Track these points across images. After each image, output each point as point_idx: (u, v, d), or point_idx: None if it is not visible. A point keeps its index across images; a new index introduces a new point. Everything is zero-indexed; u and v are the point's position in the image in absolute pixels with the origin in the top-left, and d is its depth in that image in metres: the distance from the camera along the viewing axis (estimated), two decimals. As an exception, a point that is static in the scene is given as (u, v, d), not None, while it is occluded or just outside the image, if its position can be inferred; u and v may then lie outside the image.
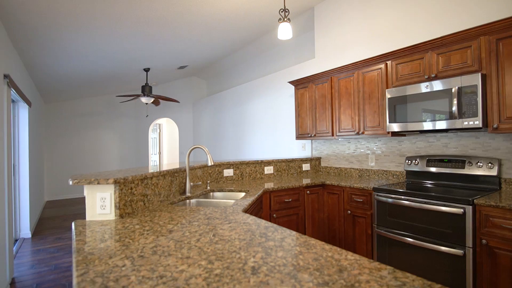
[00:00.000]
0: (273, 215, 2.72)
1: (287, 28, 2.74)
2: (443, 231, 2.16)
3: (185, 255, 1.02)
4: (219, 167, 3.12)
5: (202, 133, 7.91)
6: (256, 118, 5.59)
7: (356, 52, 3.61)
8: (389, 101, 2.76)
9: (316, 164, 4.02)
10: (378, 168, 3.36)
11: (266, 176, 3.49)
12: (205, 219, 1.51)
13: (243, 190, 2.61)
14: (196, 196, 2.35)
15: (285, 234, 1.24)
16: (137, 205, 1.71)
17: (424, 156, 2.84)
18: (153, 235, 1.26)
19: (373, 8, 3.39)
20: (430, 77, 2.54)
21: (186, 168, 2.35)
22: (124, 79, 6.81)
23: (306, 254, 1.00)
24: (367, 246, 2.73)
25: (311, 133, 3.74)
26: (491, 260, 1.95)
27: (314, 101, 3.70)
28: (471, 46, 2.30)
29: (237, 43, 5.36)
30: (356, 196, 2.83)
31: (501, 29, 2.14)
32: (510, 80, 2.10)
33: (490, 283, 1.95)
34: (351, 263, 0.92)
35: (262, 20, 4.34)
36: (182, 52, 5.48)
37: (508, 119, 2.12)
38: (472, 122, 2.22)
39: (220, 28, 4.49)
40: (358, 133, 3.15)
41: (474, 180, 2.50)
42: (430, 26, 2.87)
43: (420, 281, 0.79)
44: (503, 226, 1.89)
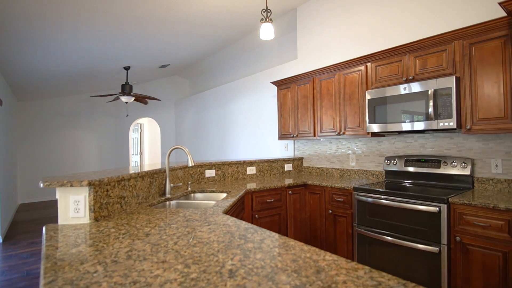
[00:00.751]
0: (255, 215, 2.71)
1: (269, 28, 2.74)
2: (420, 229, 2.22)
3: (161, 259, 0.99)
4: (200, 167, 3.08)
5: (185, 133, 7.81)
6: (240, 118, 5.57)
7: (337, 53, 3.66)
8: (369, 102, 2.81)
9: (299, 164, 4.05)
10: (358, 168, 3.42)
11: (248, 177, 3.48)
12: (184, 221, 1.48)
13: (225, 191, 2.58)
14: (176, 197, 2.31)
15: (265, 235, 1.23)
16: (114, 208, 1.66)
17: (403, 156, 2.92)
18: (129, 238, 1.22)
19: (354, 11, 3.45)
20: (408, 79, 2.61)
21: (166, 169, 2.30)
22: (103, 77, 6.61)
23: (284, 256, 1.00)
24: (348, 245, 2.77)
25: (293, 133, 3.76)
26: (464, 256, 2.02)
27: (296, 102, 3.72)
28: (446, 50, 2.38)
29: (220, 43, 5.33)
30: (337, 195, 2.86)
31: (474, 34, 2.22)
32: (482, 83, 2.19)
33: (464, 278, 2.02)
34: (329, 264, 0.92)
35: (245, 19, 4.33)
36: (163, 50, 5.39)
37: (480, 120, 2.21)
38: (447, 123, 2.29)
39: (202, 27, 4.45)
40: (339, 133, 3.19)
41: (449, 179, 2.58)
42: (409, 30, 2.95)
43: (395, 280, 0.80)
44: (475, 223, 1.96)
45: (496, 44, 2.12)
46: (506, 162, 2.34)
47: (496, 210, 1.88)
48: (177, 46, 5.28)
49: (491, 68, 2.14)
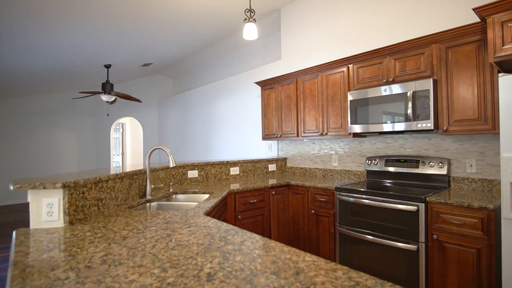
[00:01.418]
0: (238, 216, 2.69)
1: (252, 28, 2.73)
2: (400, 227, 2.27)
3: (137, 263, 0.96)
4: (183, 168, 3.03)
5: (168, 133, 7.68)
6: (224, 118, 5.54)
7: (320, 54, 3.69)
8: (351, 103, 2.86)
9: (282, 164, 4.06)
10: (341, 168, 3.47)
11: (232, 177, 3.46)
12: (163, 224, 1.45)
13: (207, 192, 2.56)
14: (157, 199, 2.26)
15: (245, 237, 1.22)
16: (90, 211, 1.60)
17: (383, 156, 2.98)
18: (105, 242, 1.17)
19: (337, 13, 3.49)
20: (388, 81, 2.66)
21: (146, 170, 2.25)
22: (83, 75, 6.41)
23: (264, 257, 0.99)
24: (330, 244, 2.80)
25: (277, 133, 3.77)
26: (441, 253, 2.08)
27: (280, 102, 3.73)
28: (424, 53, 2.45)
29: (204, 42, 5.27)
30: (320, 195, 2.89)
31: (450, 38, 2.29)
32: (457, 86, 2.26)
33: (440, 275, 2.08)
34: (308, 265, 0.92)
35: (229, 19, 4.30)
36: (146, 48, 5.28)
37: (456, 122, 2.28)
38: (425, 125, 2.36)
39: (186, 25, 4.39)
40: (322, 134, 3.23)
41: (427, 179, 2.66)
42: (389, 33, 3.01)
43: (373, 280, 0.81)
44: (451, 221, 2.02)
45: (470, 48, 2.20)
46: (479, 162, 2.43)
47: (470, 209, 1.95)
48: (160, 45, 5.19)
49: (465, 71, 2.22)
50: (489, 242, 1.88)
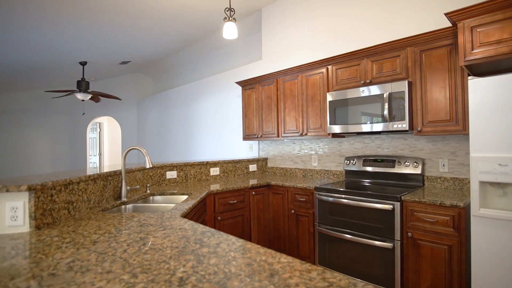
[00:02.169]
0: (217, 217, 2.66)
1: (232, 27, 2.71)
2: (377, 226, 2.32)
3: (106, 269, 0.91)
4: (161, 169, 2.96)
5: (148, 133, 7.51)
6: (204, 118, 5.47)
7: (301, 55, 3.72)
8: (330, 104, 2.89)
9: (263, 164, 4.06)
10: (320, 168, 3.51)
11: (212, 178, 3.42)
12: (137, 227, 1.40)
13: (186, 193, 2.51)
14: (133, 201, 2.19)
15: (222, 239, 1.19)
16: (60, 214, 1.53)
17: (361, 156, 3.03)
18: (73, 247, 1.12)
19: (316, 14, 3.53)
20: (365, 82, 2.72)
21: (121, 171, 2.18)
22: (57, 73, 6.15)
23: (239, 260, 0.97)
24: (310, 244, 2.82)
25: (257, 134, 3.77)
26: (415, 250, 2.14)
27: (260, 102, 3.73)
28: (400, 55, 2.51)
29: (184, 40, 5.19)
30: (300, 195, 2.91)
31: (424, 42, 2.36)
32: (431, 88, 2.34)
33: (415, 271, 2.14)
34: (283, 266, 0.91)
35: (209, 18, 4.25)
36: (123, 46, 5.13)
37: (429, 123, 2.35)
38: (400, 125, 2.42)
39: (164, 23, 4.30)
40: (302, 134, 3.25)
41: (403, 178, 2.73)
42: (367, 35, 3.07)
43: (346, 280, 0.81)
44: (424, 219, 2.09)
45: (443, 52, 2.28)
46: (451, 162, 2.52)
47: (442, 207, 2.02)
48: (137, 42, 5.06)
49: (438, 74, 2.29)
50: (459, 238, 1.95)
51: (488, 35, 1.85)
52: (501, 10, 1.81)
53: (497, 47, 1.82)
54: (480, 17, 1.88)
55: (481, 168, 1.79)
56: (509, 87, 1.70)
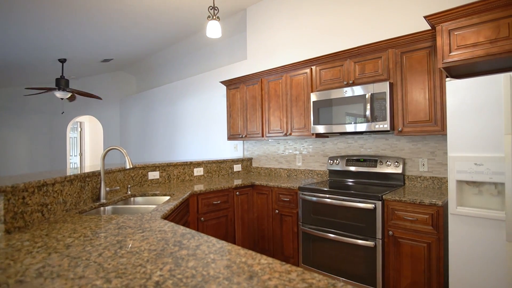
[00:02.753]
0: (200, 218, 2.62)
1: (216, 26, 2.68)
2: (359, 225, 2.34)
3: (78, 274, 0.88)
4: (143, 169, 2.90)
5: (131, 133, 7.35)
6: (189, 117, 5.41)
7: (285, 55, 3.73)
8: (314, 104, 2.91)
9: (248, 164, 4.04)
10: (304, 168, 3.53)
11: (195, 178, 3.37)
12: (115, 229, 1.35)
13: (168, 194, 2.46)
14: (113, 202, 2.13)
15: (202, 240, 1.17)
16: (33, 217, 1.46)
17: (344, 156, 3.07)
18: (45, 252, 1.07)
19: (301, 15, 3.55)
20: (348, 83, 2.75)
21: (100, 171, 2.11)
22: (34, 70, 5.93)
23: (219, 262, 0.95)
24: (293, 244, 2.83)
25: (242, 134, 3.75)
26: (396, 249, 2.18)
27: (245, 102, 3.71)
28: (381, 57, 2.55)
29: (168, 39, 5.11)
30: (284, 195, 2.91)
31: (405, 44, 2.41)
32: (411, 89, 2.39)
33: (395, 269, 2.18)
34: (263, 268, 0.90)
35: (192, 17, 4.20)
36: (105, 43, 5.00)
37: (410, 123, 2.40)
38: (382, 125, 2.46)
39: (148, 21, 4.22)
40: (286, 134, 3.25)
41: (385, 178, 2.78)
42: (350, 36, 3.11)
43: (325, 281, 0.81)
44: (405, 218, 2.13)
45: (422, 54, 2.33)
46: (431, 161, 2.59)
47: (422, 205, 2.06)
48: (120, 40, 4.94)
49: (418, 75, 2.35)
50: (438, 236, 2.00)
51: (465, 38, 1.91)
52: (477, 14, 1.86)
53: (473, 50, 1.87)
54: (457, 20, 1.93)
55: (458, 168, 1.84)
56: (484, 89, 1.76)
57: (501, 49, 1.78)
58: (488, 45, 1.82)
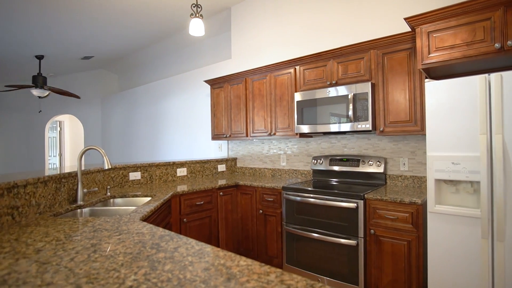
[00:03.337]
0: (183, 219, 2.58)
1: (199, 24, 2.64)
2: (342, 224, 2.36)
3: (46, 281, 0.83)
4: (123, 170, 2.82)
5: (113, 133, 7.17)
6: (173, 117, 5.32)
7: (269, 55, 3.72)
8: (297, 104, 2.91)
9: (232, 164, 4.02)
10: (289, 167, 3.53)
11: (179, 179, 3.32)
12: (90, 232, 1.30)
13: (150, 195, 2.40)
14: (90, 204, 2.06)
15: (180, 242, 1.14)
16: (1, 221, 1.38)
17: (328, 156, 3.09)
18: (12, 258, 1.01)
19: (285, 15, 3.55)
20: (331, 83, 2.77)
21: (77, 172, 2.04)
22: (8, 67, 5.68)
23: (196, 264, 0.93)
24: (277, 244, 2.83)
25: (226, 133, 3.72)
26: (378, 247, 2.21)
27: (229, 102, 3.68)
28: (363, 57, 2.58)
29: (150, 37, 5.01)
30: (268, 195, 2.90)
31: (386, 45, 2.45)
32: (392, 90, 2.43)
33: (377, 267, 2.21)
34: (241, 270, 0.88)
35: (176, 14, 4.14)
36: (84, 40, 4.85)
37: (391, 123, 2.44)
38: (364, 125, 2.49)
39: (129, 18, 4.12)
40: (270, 134, 3.25)
41: (367, 177, 2.81)
42: (334, 37, 3.14)
43: (304, 282, 0.80)
44: (386, 216, 2.16)
45: (403, 55, 2.37)
46: (411, 161, 2.64)
47: (402, 204, 2.10)
48: (100, 37, 4.80)
49: (399, 76, 2.39)
50: (418, 234, 2.04)
51: (443, 41, 1.95)
52: (454, 17, 1.91)
53: (451, 52, 1.92)
54: (436, 23, 1.98)
55: (436, 167, 1.88)
56: (461, 90, 1.81)
57: (477, 51, 1.83)
58: (465, 47, 1.87)
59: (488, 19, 1.80)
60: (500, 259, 1.67)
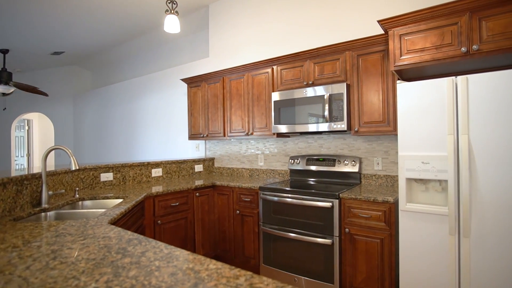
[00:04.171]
0: (157, 221, 2.50)
1: (174, 21, 2.57)
2: (318, 224, 2.38)
3: (-5, 292, 0.76)
4: (94, 170, 2.70)
5: (86, 132, 6.89)
6: (149, 116, 5.18)
7: (247, 54, 3.70)
8: (275, 104, 2.91)
9: (210, 164, 3.96)
10: (266, 167, 3.53)
11: (154, 179, 3.22)
12: (52, 237, 1.23)
13: (122, 197, 2.32)
14: (56, 207, 1.95)
15: (149, 246, 1.09)
16: (-48, 227, 1.27)
17: (305, 155, 3.11)
18: (-41, 268, 0.93)
19: (263, 14, 3.54)
20: (308, 83, 2.79)
21: (41, 173, 1.92)
22: (-30, 61, 5.31)
23: (164, 269, 0.89)
24: (254, 244, 2.81)
25: (203, 133, 3.66)
26: (352, 245, 2.24)
27: (206, 101, 3.63)
28: (339, 58, 2.62)
29: (126, 33, 4.85)
30: (244, 195, 2.88)
31: (361, 47, 2.49)
32: (366, 91, 2.47)
33: (351, 265, 2.25)
34: (210, 274, 0.85)
35: (151, 11, 4.02)
36: (54, 34, 4.61)
37: (365, 123, 2.49)
38: (340, 126, 2.52)
39: (102, 12, 3.96)
40: (248, 134, 3.23)
41: (343, 176, 2.86)
42: (311, 37, 3.16)
43: (274, 285, 0.78)
44: (360, 215, 2.20)
45: (377, 57, 2.43)
46: (384, 160, 2.71)
47: (375, 203, 2.14)
48: (71, 31, 4.59)
49: (373, 77, 2.44)
50: (390, 232, 2.09)
51: (414, 43, 2.01)
52: (424, 21, 1.97)
53: (421, 54, 1.98)
54: (407, 26, 2.03)
55: (407, 166, 1.93)
56: (431, 91, 1.86)
57: (445, 54, 1.90)
58: (434, 50, 1.94)
59: (455, 23, 1.87)
60: (466, 254, 1.73)
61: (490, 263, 1.67)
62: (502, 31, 1.73)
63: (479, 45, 1.79)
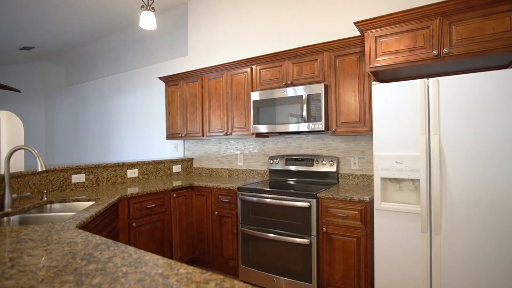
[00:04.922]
0: (132, 224, 2.42)
1: (150, 17, 2.50)
2: (296, 223, 2.39)
3: None
4: (65, 172, 2.58)
5: (58, 131, 6.60)
6: (126, 115, 5.02)
7: (226, 53, 3.67)
8: (253, 103, 2.90)
9: (188, 165, 3.89)
10: (246, 167, 3.50)
11: (129, 181, 3.12)
12: (12, 244, 1.15)
13: (94, 199, 2.22)
14: (21, 211, 1.84)
15: (117, 251, 1.04)
16: None
17: (284, 155, 3.12)
18: None
19: (242, 13, 3.52)
20: (287, 83, 2.79)
21: (4, 175, 1.81)
22: None
23: (131, 276, 0.85)
24: (233, 245, 2.78)
25: (182, 133, 3.59)
26: (329, 244, 2.26)
27: (185, 100, 3.56)
28: (317, 59, 2.64)
29: (102, 29, 4.68)
30: (223, 196, 2.84)
31: (338, 48, 2.52)
32: (343, 91, 2.51)
33: (329, 264, 2.27)
34: (180, 279, 0.82)
35: (127, 7, 3.90)
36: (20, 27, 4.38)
37: (342, 124, 2.52)
38: (318, 126, 2.54)
39: (77, 6, 3.79)
40: (227, 133, 3.20)
41: (321, 176, 2.88)
42: (290, 37, 3.17)
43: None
44: (337, 214, 2.22)
45: (353, 59, 2.46)
46: (361, 160, 2.76)
47: (352, 202, 2.17)
48: (40, 25, 4.37)
49: (350, 78, 2.47)
50: (366, 230, 2.13)
51: (389, 46, 2.05)
52: (398, 24, 2.02)
53: (396, 56, 2.03)
54: (382, 28, 2.07)
55: (382, 166, 1.97)
56: (404, 93, 1.91)
57: (417, 57, 1.95)
58: (407, 53, 1.99)
59: (427, 27, 1.93)
60: (437, 251, 1.79)
61: (460, 259, 1.73)
62: (470, 36, 1.80)
63: (449, 49, 1.85)
